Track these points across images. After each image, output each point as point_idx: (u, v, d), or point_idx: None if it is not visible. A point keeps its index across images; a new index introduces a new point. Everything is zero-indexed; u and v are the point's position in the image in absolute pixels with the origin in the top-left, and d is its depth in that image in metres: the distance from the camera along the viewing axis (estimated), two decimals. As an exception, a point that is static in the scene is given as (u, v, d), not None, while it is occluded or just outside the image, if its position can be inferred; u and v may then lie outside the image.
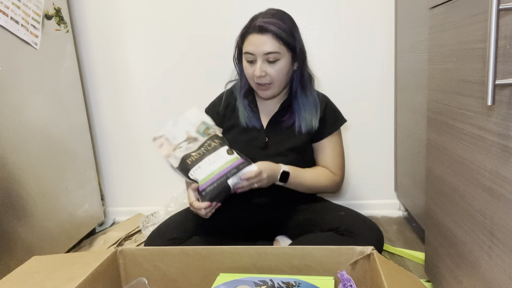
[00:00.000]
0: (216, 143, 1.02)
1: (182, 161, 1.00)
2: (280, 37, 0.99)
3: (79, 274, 0.72)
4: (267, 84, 1.04)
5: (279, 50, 1.00)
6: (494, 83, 0.55)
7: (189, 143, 1.04)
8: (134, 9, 1.62)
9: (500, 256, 0.62)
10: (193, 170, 0.98)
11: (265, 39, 0.99)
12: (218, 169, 0.97)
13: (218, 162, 0.98)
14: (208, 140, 1.04)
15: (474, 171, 0.69)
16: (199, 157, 0.99)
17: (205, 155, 1.00)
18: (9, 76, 1.16)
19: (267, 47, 0.99)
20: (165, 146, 1.03)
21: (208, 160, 0.99)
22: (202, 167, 0.98)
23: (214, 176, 0.96)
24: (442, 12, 0.82)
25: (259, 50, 1.00)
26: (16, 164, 1.17)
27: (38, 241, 1.24)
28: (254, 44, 1.00)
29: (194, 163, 0.99)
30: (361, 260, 0.78)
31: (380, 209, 1.66)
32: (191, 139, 1.05)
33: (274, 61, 1.01)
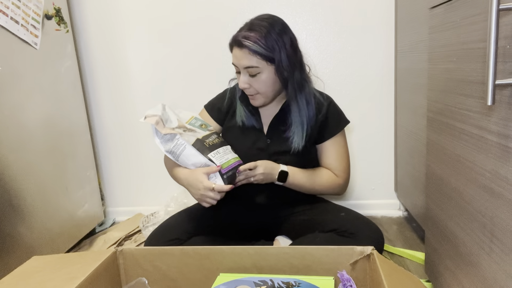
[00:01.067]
0: (221, 139, 1.07)
1: (199, 142, 1.01)
2: (256, 52, 0.98)
3: (79, 274, 0.72)
4: (254, 94, 1.05)
5: (257, 64, 0.99)
6: (494, 83, 0.55)
7: (184, 131, 1.02)
8: (134, 9, 1.62)
9: (500, 256, 0.62)
10: (213, 153, 1.00)
11: (243, 53, 1.00)
12: (233, 159, 1.02)
13: (231, 154, 1.03)
14: (213, 134, 1.07)
15: (474, 171, 0.69)
16: (215, 144, 1.02)
17: (220, 144, 1.04)
18: (9, 76, 1.16)
19: (245, 61, 1.00)
20: (162, 125, 1.01)
21: (224, 149, 1.03)
22: (220, 153, 1.01)
23: (231, 164, 1.00)
24: (442, 12, 0.82)
25: (240, 63, 1.01)
26: (16, 164, 1.17)
27: (38, 241, 1.24)
28: (235, 57, 1.02)
29: (212, 147, 1.01)
30: (361, 260, 0.78)
31: (380, 209, 1.66)
32: (185, 129, 1.03)
33: (255, 74, 1.01)
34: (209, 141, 1.03)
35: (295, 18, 1.56)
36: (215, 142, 1.03)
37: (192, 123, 1.07)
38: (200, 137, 1.02)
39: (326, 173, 1.12)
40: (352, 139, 1.63)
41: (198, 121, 1.09)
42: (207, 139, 1.03)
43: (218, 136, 1.07)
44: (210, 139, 1.04)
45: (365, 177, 1.67)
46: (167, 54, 1.65)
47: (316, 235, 1.01)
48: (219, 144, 1.04)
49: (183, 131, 1.02)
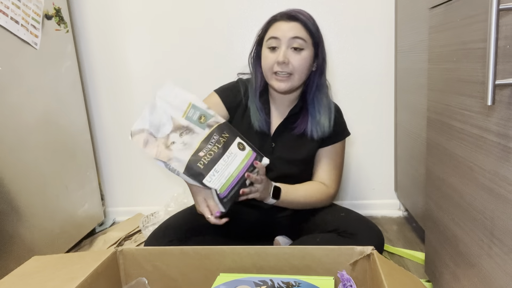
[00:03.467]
0: (224, 138, 0.87)
1: (190, 165, 0.85)
2: (308, 27, 0.99)
3: (79, 274, 0.72)
4: (286, 75, 0.99)
5: (305, 38, 0.98)
6: (494, 83, 0.55)
7: (181, 135, 0.87)
8: (134, 9, 1.62)
9: (500, 256, 0.62)
10: (209, 176, 0.85)
11: (294, 25, 0.98)
12: (236, 170, 0.85)
13: (234, 162, 0.86)
14: (214, 134, 0.87)
15: (474, 171, 0.69)
16: (211, 159, 0.85)
17: (218, 155, 0.85)
18: (9, 76, 1.16)
19: (294, 31, 0.98)
20: (152, 143, 0.86)
21: (223, 162, 0.85)
22: (219, 171, 0.85)
23: (234, 179, 0.85)
24: (442, 12, 0.82)
25: (286, 34, 0.98)
26: (16, 164, 1.17)
27: (38, 241, 1.24)
28: (280, 29, 0.99)
29: (208, 167, 0.85)
30: (361, 260, 0.78)
31: (380, 209, 1.66)
32: (182, 129, 0.87)
33: (299, 49, 0.98)
34: (205, 157, 0.85)
35: (295, 18, 1.56)
36: (212, 153, 0.86)
37: (190, 117, 0.88)
38: (193, 153, 0.85)
39: (317, 186, 1.08)
40: (352, 139, 1.63)
41: (196, 111, 0.89)
42: (203, 150, 0.86)
43: (222, 134, 0.88)
44: (206, 149, 0.86)
45: (365, 177, 1.67)
46: (167, 54, 1.65)
47: (316, 236, 1.01)
48: (218, 153, 0.86)
49: (179, 135, 0.87)
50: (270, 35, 1.01)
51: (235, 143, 0.88)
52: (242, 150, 0.87)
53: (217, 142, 0.87)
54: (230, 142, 0.87)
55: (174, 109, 0.88)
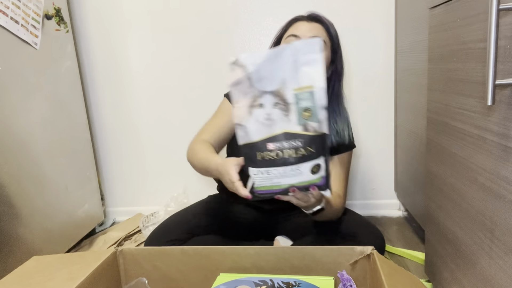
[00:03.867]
0: (306, 152, 0.69)
1: (251, 147, 0.71)
2: (329, 30, 0.99)
3: (79, 274, 0.72)
4: None
5: (325, 39, 0.98)
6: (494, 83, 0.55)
7: (274, 107, 0.69)
8: (134, 9, 1.62)
9: (500, 256, 0.62)
10: (257, 170, 0.72)
11: (315, 25, 0.98)
12: (288, 185, 0.72)
13: (293, 177, 0.71)
14: (300, 138, 0.69)
15: (474, 171, 0.69)
16: (274, 160, 0.70)
17: (283, 162, 0.70)
18: (9, 76, 1.16)
19: (315, 32, 0.97)
20: (240, 89, 0.71)
21: (282, 171, 0.71)
22: (270, 174, 0.72)
23: (278, 189, 0.73)
24: (442, 12, 0.82)
25: (306, 34, 0.97)
26: (16, 164, 1.17)
27: (38, 241, 1.24)
28: (301, 29, 0.98)
29: (264, 163, 0.71)
30: (361, 260, 0.78)
31: (380, 209, 1.66)
32: (281, 102, 0.69)
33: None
34: (272, 152, 0.70)
35: (295, 18, 1.56)
36: (281, 155, 0.70)
37: (300, 98, 0.68)
38: (265, 137, 0.70)
39: (338, 200, 1.01)
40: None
41: (310, 100, 0.68)
42: (276, 143, 0.70)
43: (307, 146, 0.69)
44: (280, 146, 0.70)
45: (365, 177, 1.67)
46: (167, 54, 1.65)
47: (317, 238, 1.00)
48: (285, 160, 0.70)
49: (273, 104, 0.69)
50: (289, 33, 1.00)
51: (311, 163, 0.70)
52: (312, 174, 0.71)
53: (295, 149, 0.69)
54: (307, 159, 0.69)
55: (292, 73, 0.68)
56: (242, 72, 0.70)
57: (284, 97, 0.69)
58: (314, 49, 0.67)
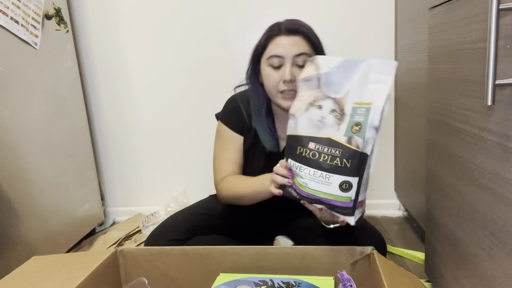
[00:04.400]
0: (341, 164, 0.69)
1: (296, 139, 0.74)
2: (310, 40, 0.94)
3: (79, 274, 0.72)
4: (293, 92, 0.91)
5: (309, 52, 0.93)
6: (494, 83, 0.55)
7: (331, 112, 0.71)
8: (134, 9, 1.62)
9: (500, 256, 0.62)
10: (293, 162, 0.74)
11: (296, 40, 0.92)
12: (315, 192, 0.72)
13: (320, 185, 0.71)
14: (340, 149, 0.69)
15: (474, 171, 0.69)
16: (311, 160, 0.72)
17: (318, 165, 0.71)
18: (9, 76, 1.16)
19: (298, 48, 0.91)
20: (308, 85, 0.75)
21: (312, 174, 0.71)
22: (302, 172, 0.73)
23: (303, 191, 0.74)
24: (442, 12, 0.82)
25: (289, 51, 0.91)
26: (16, 164, 1.17)
27: (38, 241, 1.24)
28: (282, 46, 0.91)
29: (299, 158, 0.73)
30: (361, 260, 0.78)
31: (380, 209, 1.66)
32: (338, 110, 0.70)
33: (303, 65, 0.90)
34: (311, 151, 0.72)
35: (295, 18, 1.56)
36: (316, 157, 0.71)
37: (356, 112, 0.69)
38: (312, 136, 0.72)
39: None
40: (352, 139, 1.63)
41: (365, 116, 0.68)
42: (318, 144, 0.71)
43: (343, 157, 0.69)
44: (320, 148, 0.71)
45: (365, 177, 1.67)
46: (167, 54, 1.65)
47: (318, 241, 0.99)
48: (320, 164, 0.70)
49: (331, 111, 0.71)
50: (271, 53, 0.93)
51: (342, 178, 0.69)
52: (341, 190, 0.70)
53: (332, 156, 0.70)
54: (340, 171, 0.69)
55: (359, 87, 0.69)
56: (315, 71, 0.74)
57: (343, 106, 0.71)
58: (387, 70, 0.68)
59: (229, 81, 1.26)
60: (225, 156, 1.06)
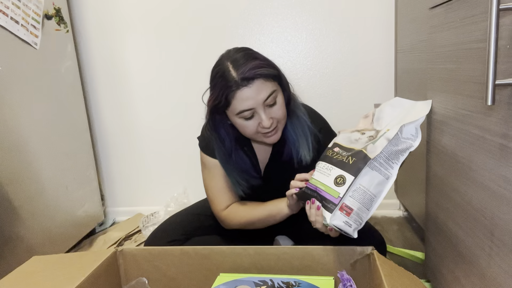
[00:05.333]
0: (345, 160, 0.75)
1: (330, 146, 0.82)
2: (268, 76, 0.87)
3: (79, 274, 0.72)
4: (275, 128, 0.91)
5: (274, 88, 0.89)
6: (494, 83, 0.55)
7: (368, 138, 0.79)
8: (134, 9, 1.62)
9: (500, 256, 0.62)
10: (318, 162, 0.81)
11: (258, 86, 0.85)
12: (316, 182, 0.78)
13: (323, 177, 0.77)
14: (353, 152, 0.75)
15: (474, 171, 0.69)
16: (327, 158, 0.79)
17: (329, 161, 0.78)
18: (9, 76, 1.16)
19: (264, 93, 0.86)
20: (364, 122, 0.85)
21: (323, 167, 0.78)
22: (318, 168, 0.79)
23: (310, 184, 0.79)
24: (442, 12, 0.82)
25: (258, 99, 0.86)
26: (16, 164, 1.17)
27: (38, 241, 1.24)
28: (248, 99, 0.85)
29: (323, 158, 0.80)
30: (361, 260, 0.78)
31: (380, 209, 1.66)
32: (374, 136, 0.78)
33: (274, 102, 0.89)
34: (331, 151, 0.80)
35: (295, 18, 1.56)
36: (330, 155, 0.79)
37: (379, 133, 0.78)
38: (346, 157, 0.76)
39: None
40: (352, 139, 1.63)
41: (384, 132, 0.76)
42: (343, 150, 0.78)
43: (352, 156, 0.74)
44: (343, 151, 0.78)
45: (365, 177, 1.67)
46: (167, 54, 1.65)
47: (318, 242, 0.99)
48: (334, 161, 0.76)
49: (367, 139, 0.79)
50: (240, 109, 0.87)
51: (339, 172, 0.74)
52: (335, 184, 0.74)
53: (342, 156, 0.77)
54: (342, 166, 0.74)
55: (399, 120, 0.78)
56: (374, 109, 0.87)
57: (377, 133, 0.79)
58: (426, 108, 0.81)
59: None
60: (217, 185, 1.02)
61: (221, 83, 0.89)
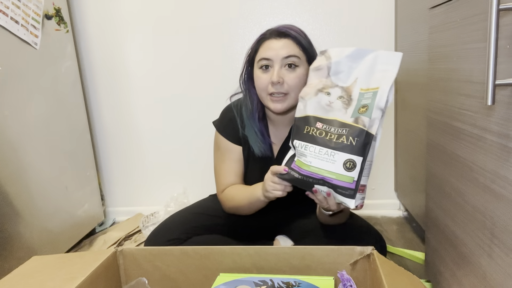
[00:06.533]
0: (347, 142, 0.71)
1: (304, 119, 0.76)
2: (300, 43, 0.94)
3: (79, 274, 0.72)
4: (282, 95, 0.94)
5: (299, 55, 0.93)
6: (494, 83, 0.55)
7: (338, 99, 0.75)
8: (134, 9, 1.62)
9: (500, 256, 0.62)
10: (299, 142, 0.76)
11: (285, 42, 0.93)
12: (319, 170, 0.73)
13: (325, 163, 0.72)
14: (347, 128, 0.72)
15: (474, 171, 0.69)
16: (317, 138, 0.74)
17: (324, 143, 0.72)
18: (9, 76, 1.16)
19: (287, 50, 0.92)
20: (318, 74, 0.78)
21: (318, 151, 0.73)
22: (307, 150, 0.74)
23: (307, 171, 0.74)
24: (442, 12, 0.82)
25: (278, 54, 0.92)
26: (16, 164, 1.17)
27: (38, 241, 1.24)
28: (271, 49, 0.93)
29: (306, 137, 0.75)
30: (361, 260, 0.78)
31: (380, 209, 1.66)
32: (346, 97, 0.74)
33: (293, 67, 0.93)
34: (318, 130, 0.74)
35: (295, 18, 1.56)
36: (323, 135, 0.73)
37: (363, 97, 0.73)
38: (319, 116, 0.74)
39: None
40: (352, 139, 1.63)
41: (371, 100, 0.72)
42: (326, 124, 0.74)
43: (350, 135, 0.71)
44: (327, 128, 0.73)
45: (365, 177, 1.67)
46: (167, 53, 1.65)
47: (318, 241, 0.99)
48: (326, 142, 0.72)
49: (338, 97, 0.75)
50: (261, 56, 0.95)
51: (347, 156, 0.71)
52: (345, 169, 0.71)
53: (339, 135, 0.72)
54: (346, 149, 0.71)
55: (366, 75, 0.74)
56: (326, 60, 0.78)
57: (351, 93, 0.75)
58: (393, 61, 0.73)
59: (229, 82, 1.26)
60: (224, 167, 1.06)
61: (260, 35, 0.99)
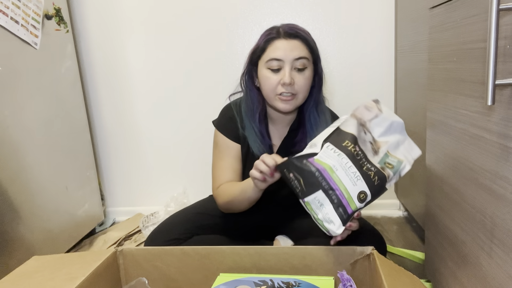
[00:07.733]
0: (372, 178, 0.76)
1: (345, 133, 0.79)
2: (309, 44, 0.95)
3: (79, 274, 0.72)
4: (290, 95, 0.95)
5: (307, 56, 0.95)
6: (494, 83, 0.55)
7: (369, 143, 0.80)
8: (134, 9, 1.62)
9: (500, 256, 0.62)
10: (336, 148, 0.77)
11: (295, 44, 0.93)
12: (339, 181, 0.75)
13: (349, 182, 0.75)
14: (376, 170, 0.76)
15: (474, 171, 0.69)
16: (351, 153, 0.76)
17: (356, 162, 0.76)
18: (9, 76, 1.16)
19: (298, 51, 0.93)
20: (367, 114, 0.84)
21: (349, 165, 0.75)
22: (340, 161, 0.75)
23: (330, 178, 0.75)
24: (442, 12, 0.82)
25: (289, 55, 0.92)
26: (16, 164, 1.17)
27: (38, 241, 1.24)
28: (282, 49, 0.93)
29: (343, 148, 0.76)
30: (361, 260, 0.78)
31: (380, 209, 1.66)
32: (375, 148, 0.80)
33: (303, 68, 0.94)
34: (352, 146, 0.77)
35: (295, 18, 1.56)
36: (353, 151, 0.76)
37: (389, 157, 0.80)
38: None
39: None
40: (352, 139, 1.63)
41: (395, 163, 0.79)
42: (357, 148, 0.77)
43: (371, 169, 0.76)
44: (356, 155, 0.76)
45: (365, 177, 1.67)
46: (167, 54, 1.65)
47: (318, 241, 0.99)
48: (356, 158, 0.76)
49: (369, 143, 0.80)
50: (271, 56, 0.94)
51: (365, 187, 0.75)
52: (358, 199, 0.75)
53: (368, 169, 0.76)
54: (368, 180, 0.75)
55: (395, 146, 0.82)
56: (377, 109, 0.83)
57: (379, 148, 0.80)
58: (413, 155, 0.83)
59: (229, 82, 1.26)
60: (222, 164, 1.06)
61: (266, 32, 0.98)
